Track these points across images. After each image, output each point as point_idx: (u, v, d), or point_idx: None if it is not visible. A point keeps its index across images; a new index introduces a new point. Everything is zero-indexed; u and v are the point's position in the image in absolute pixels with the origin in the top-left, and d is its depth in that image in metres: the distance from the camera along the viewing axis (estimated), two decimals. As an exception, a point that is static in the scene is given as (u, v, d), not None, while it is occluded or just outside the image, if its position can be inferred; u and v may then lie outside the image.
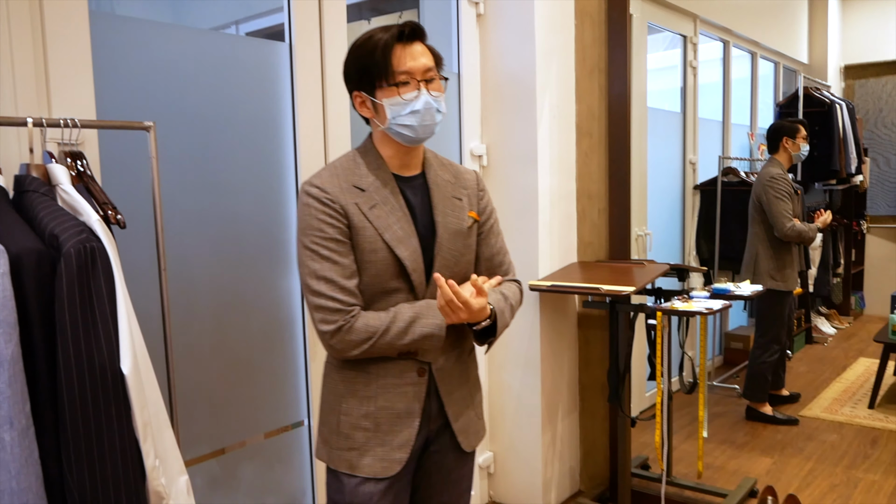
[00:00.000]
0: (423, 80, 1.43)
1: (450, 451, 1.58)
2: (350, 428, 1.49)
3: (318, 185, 1.43)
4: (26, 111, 1.50)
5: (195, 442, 1.97)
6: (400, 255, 1.43)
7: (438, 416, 1.54)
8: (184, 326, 1.91)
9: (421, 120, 1.43)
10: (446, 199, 1.52)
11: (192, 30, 2.01)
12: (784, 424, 3.80)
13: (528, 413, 2.84)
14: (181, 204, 1.91)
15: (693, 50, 4.33)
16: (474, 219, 1.56)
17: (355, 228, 1.43)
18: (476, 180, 1.62)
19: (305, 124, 2.17)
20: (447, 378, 1.53)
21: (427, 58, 1.44)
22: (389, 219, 1.44)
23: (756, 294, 2.73)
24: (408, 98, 1.42)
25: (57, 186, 1.36)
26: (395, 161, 1.50)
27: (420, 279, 1.47)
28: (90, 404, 1.22)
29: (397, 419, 1.48)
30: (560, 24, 2.79)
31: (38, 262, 1.19)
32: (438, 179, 1.54)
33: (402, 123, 1.43)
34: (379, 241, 1.43)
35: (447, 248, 1.50)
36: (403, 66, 1.41)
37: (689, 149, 4.43)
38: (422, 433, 1.52)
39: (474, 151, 2.79)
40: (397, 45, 1.41)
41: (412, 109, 1.42)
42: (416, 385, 1.49)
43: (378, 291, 1.45)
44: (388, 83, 1.42)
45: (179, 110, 1.90)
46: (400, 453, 1.48)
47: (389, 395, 1.48)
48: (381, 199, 1.45)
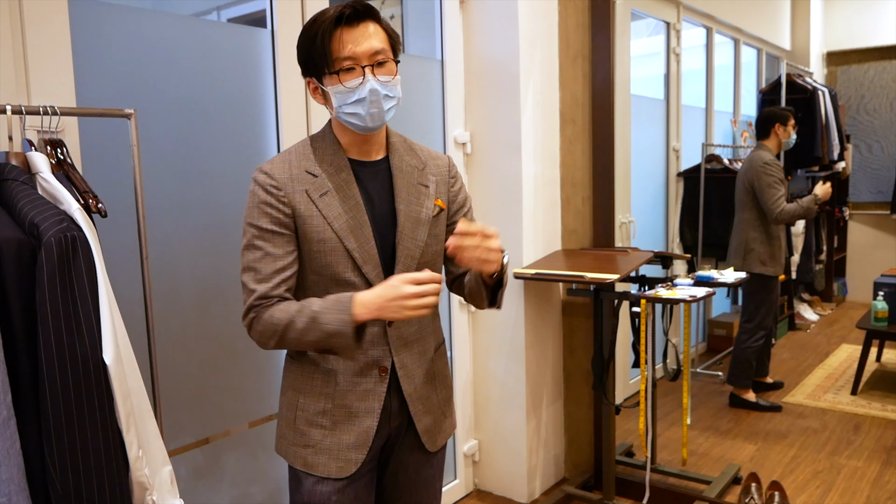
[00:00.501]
0: (369, 64, 1.33)
1: (414, 451, 1.53)
2: (306, 424, 1.44)
3: (266, 171, 1.38)
4: (5, 98, 1.48)
5: (179, 432, 1.97)
6: (348, 245, 1.37)
7: (400, 415, 1.48)
8: (166, 315, 1.90)
9: (368, 108, 1.34)
10: (410, 185, 1.45)
11: (174, 16, 1.99)
12: (767, 411, 3.85)
13: (512, 401, 2.86)
14: (163, 192, 1.89)
15: (676, 37, 4.34)
16: (440, 207, 1.48)
17: (302, 217, 1.37)
18: (448, 166, 1.54)
19: (287, 111, 2.15)
20: (410, 377, 1.47)
21: (378, 39, 1.34)
22: (341, 207, 1.37)
23: (739, 281, 2.76)
24: (350, 86, 1.33)
25: (37, 175, 1.34)
26: (353, 147, 1.43)
27: (375, 271, 1.39)
28: (72, 395, 1.21)
29: (355, 418, 1.43)
30: (543, 10, 2.79)
31: (19, 252, 1.18)
32: (403, 165, 1.46)
33: (348, 112, 1.35)
34: (328, 230, 1.36)
35: (409, 238, 1.42)
36: (345, 51, 1.31)
37: (673, 136, 4.45)
38: (382, 432, 1.46)
39: (458, 139, 2.79)
40: (338, 29, 1.31)
41: (357, 98, 1.33)
42: (378, 384, 1.43)
43: (331, 284, 1.39)
44: (330, 71, 1.33)
45: (161, 97, 1.88)
46: (356, 454, 1.43)
47: (348, 394, 1.42)
48: (333, 186, 1.38)
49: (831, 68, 6.71)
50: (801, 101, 5.41)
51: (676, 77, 4.40)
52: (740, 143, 5.33)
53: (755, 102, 5.67)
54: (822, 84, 5.80)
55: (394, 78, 1.37)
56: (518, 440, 2.87)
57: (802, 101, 5.42)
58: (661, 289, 2.63)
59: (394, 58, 1.38)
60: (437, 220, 1.48)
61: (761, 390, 4.10)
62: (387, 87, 1.35)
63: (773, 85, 5.54)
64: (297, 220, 1.37)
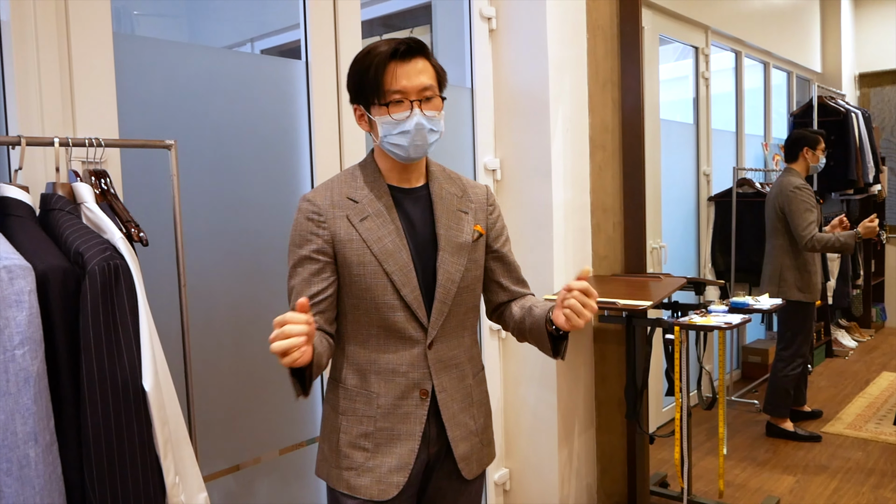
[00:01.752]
0: (417, 99, 1.39)
1: (452, 478, 1.53)
2: (348, 447, 1.47)
3: (309, 198, 1.45)
4: (53, 131, 1.53)
5: (211, 457, 1.98)
6: (387, 268, 1.40)
7: (438, 440, 1.50)
8: (201, 342, 1.93)
9: (412, 140, 1.40)
10: (450, 211, 1.49)
11: (211, 49, 2.04)
12: (806, 441, 3.74)
13: (544, 429, 2.83)
14: (200, 220, 1.93)
15: (705, 61, 4.33)
16: (479, 232, 1.52)
17: (342, 241, 1.41)
18: (486, 194, 1.58)
19: (321, 140, 2.19)
20: (450, 402, 1.49)
21: (427, 75, 1.40)
22: (380, 231, 1.42)
23: (775, 308, 2.71)
24: (398, 118, 1.39)
25: (82, 204, 1.38)
26: (393, 174, 1.48)
27: (413, 294, 1.42)
28: (112, 421, 1.23)
29: (396, 440, 1.45)
30: (572, 38, 2.81)
31: (64, 280, 1.21)
32: (443, 192, 1.51)
33: (392, 142, 1.41)
34: (367, 254, 1.40)
35: (450, 262, 1.46)
36: (396, 84, 1.37)
37: (703, 160, 4.42)
38: (421, 457, 1.48)
39: (488, 165, 2.80)
40: (391, 63, 1.37)
41: (402, 130, 1.39)
42: (418, 407, 1.45)
43: (372, 307, 1.43)
44: (380, 102, 1.39)
45: (199, 128, 1.93)
46: (398, 476, 1.44)
47: (390, 416, 1.45)
48: (373, 212, 1.43)
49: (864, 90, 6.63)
50: (833, 124, 5.35)
51: (706, 101, 4.38)
52: (772, 166, 5.27)
53: (786, 125, 5.61)
54: (854, 106, 5.72)
55: (439, 113, 1.43)
56: (550, 469, 2.83)
57: (835, 124, 5.35)
58: (694, 315, 2.60)
59: (440, 93, 1.44)
60: (476, 246, 1.51)
61: (799, 419, 3.99)
62: (431, 122, 1.41)
63: (804, 108, 5.49)
64: (336, 245, 1.42)
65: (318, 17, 2.16)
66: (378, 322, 1.44)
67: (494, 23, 2.79)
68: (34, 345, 1.15)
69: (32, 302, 1.16)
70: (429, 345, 1.45)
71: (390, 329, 1.44)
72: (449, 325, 1.48)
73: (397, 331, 1.44)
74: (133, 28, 1.97)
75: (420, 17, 2.93)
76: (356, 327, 1.46)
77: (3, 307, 1.13)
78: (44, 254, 1.22)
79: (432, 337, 1.45)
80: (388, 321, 1.43)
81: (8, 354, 1.13)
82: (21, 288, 1.14)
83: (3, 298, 1.13)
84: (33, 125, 1.51)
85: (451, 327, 1.49)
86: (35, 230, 1.28)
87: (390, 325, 1.43)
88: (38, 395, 1.16)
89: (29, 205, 1.32)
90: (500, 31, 2.80)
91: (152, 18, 2.06)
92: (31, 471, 1.16)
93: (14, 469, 1.14)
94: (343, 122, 2.24)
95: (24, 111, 1.50)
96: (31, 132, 1.50)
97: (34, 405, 1.15)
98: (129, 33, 1.89)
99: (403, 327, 1.43)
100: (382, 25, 2.92)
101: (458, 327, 1.50)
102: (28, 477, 1.15)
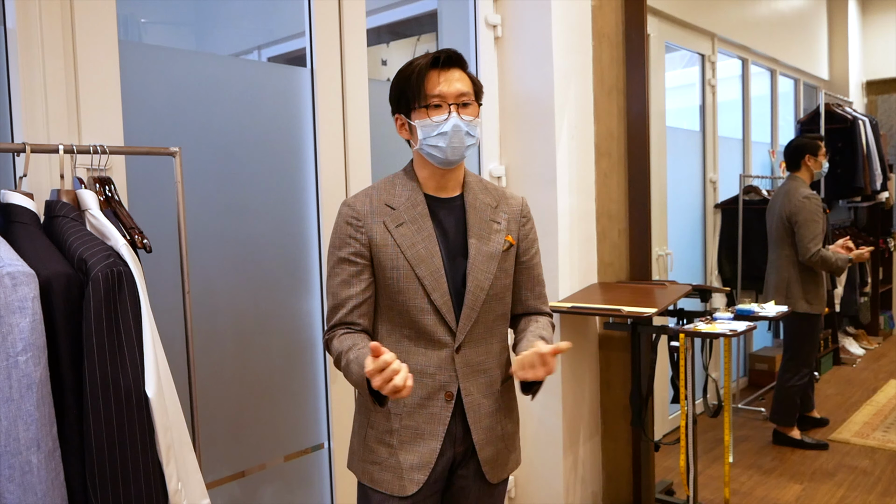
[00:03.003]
0: (455, 103, 1.47)
1: (476, 480, 1.57)
2: (375, 442, 1.54)
3: (349, 203, 1.53)
4: (58, 138, 1.54)
5: (215, 464, 1.98)
6: (419, 273, 1.47)
7: (465, 441, 1.54)
8: (205, 349, 1.93)
9: (449, 141, 1.47)
10: (482, 221, 1.55)
11: (216, 56, 2.05)
12: (813, 449, 3.72)
13: (549, 436, 2.82)
14: (204, 227, 1.94)
15: (711, 68, 4.33)
16: (510, 242, 1.58)
17: (378, 246, 1.49)
18: (521, 206, 1.64)
19: (326, 148, 2.19)
20: (475, 405, 1.54)
21: (463, 83, 1.49)
22: (414, 237, 1.49)
23: (781, 315, 2.69)
24: (437, 120, 1.47)
25: (86, 211, 1.38)
26: (431, 182, 1.55)
27: (443, 299, 1.48)
28: (115, 427, 1.23)
29: (420, 439, 1.50)
30: (577, 46, 2.81)
31: (67, 286, 1.22)
32: (477, 202, 1.57)
33: (431, 144, 1.48)
34: (400, 259, 1.48)
35: (479, 269, 1.51)
36: (435, 89, 1.47)
37: (710, 167, 4.40)
38: (446, 455, 1.52)
39: (493, 172, 2.80)
40: (433, 71, 1.48)
41: (440, 131, 1.46)
42: (443, 409, 1.51)
43: (403, 310, 1.49)
44: (420, 105, 1.48)
45: (203, 135, 1.94)
46: (418, 474, 1.50)
47: (415, 415, 1.50)
48: (408, 218, 1.50)
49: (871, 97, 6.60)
50: (840, 131, 5.32)
51: (712, 108, 4.37)
52: (779, 173, 5.25)
53: (793, 133, 5.60)
54: (862, 113, 5.70)
55: (475, 119, 1.51)
56: (555, 476, 2.82)
57: (842, 131, 5.33)
58: (700, 323, 2.58)
59: (477, 101, 1.52)
60: (506, 255, 1.57)
61: (807, 426, 3.96)
62: (468, 126, 1.49)
63: (811, 115, 5.47)
64: (373, 250, 1.50)
65: (323, 26, 2.17)
66: (409, 324, 1.50)
67: (500, 30, 2.80)
68: (37, 351, 1.16)
69: (36, 308, 1.16)
70: (456, 349, 1.51)
71: (420, 331, 1.50)
72: (477, 331, 1.53)
73: (427, 333, 1.50)
74: (140, 36, 1.98)
75: (426, 24, 2.94)
76: (390, 328, 1.53)
77: (6, 313, 1.13)
78: (47, 260, 1.22)
79: (460, 341, 1.51)
80: (419, 324, 1.49)
81: (11, 360, 1.14)
82: (25, 294, 1.15)
83: (7, 304, 1.14)
84: (38, 132, 1.52)
85: (480, 333, 1.54)
86: (39, 237, 1.29)
87: (420, 327, 1.49)
88: (40, 402, 1.16)
89: (33, 211, 1.33)
90: (506, 38, 2.81)
91: (159, 26, 2.08)
92: (34, 477, 1.16)
93: (16, 475, 1.14)
94: (348, 129, 2.24)
95: (30, 118, 1.51)
96: (37, 139, 1.51)
97: (37, 411, 1.15)
98: (135, 41, 1.90)
99: (433, 330, 1.49)
100: (389, 33, 2.93)
101: (486, 334, 1.56)
102: (30, 483, 1.16)
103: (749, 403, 4.49)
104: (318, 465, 2.29)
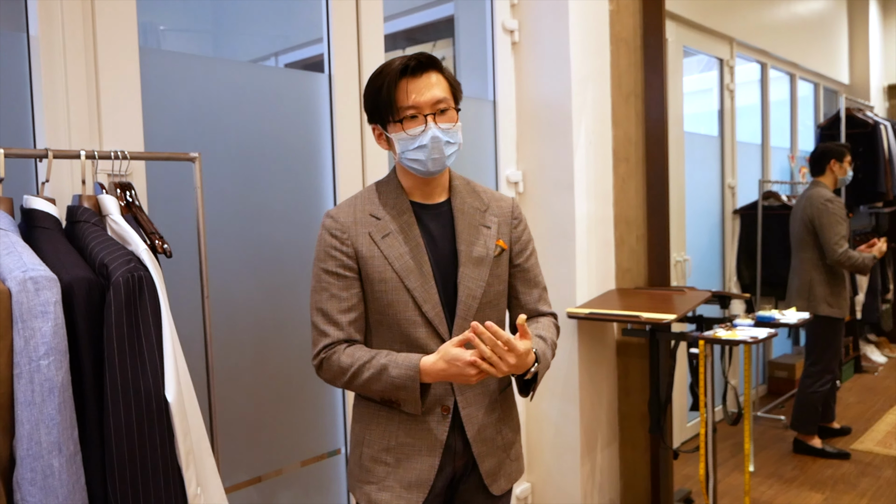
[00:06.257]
0: (431, 112, 1.39)
1: (479, 492, 1.52)
2: (371, 461, 1.48)
3: (332, 215, 1.46)
4: (79, 144, 1.55)
5: (232, 469, 1.98)
6: (408, 285, 1.41)
7: (464, 454, 1.48)
8: (223, 354, 1.93)
9: (429, 154, 1.39)
10: (471, 226, 1.48)
11: (235, 62, 2.07)
12: (835, 458, 3.66)
13: (566, 443, 2.79)
14: (223, 232, 1.94)
15: (730, 73, 4.29)
16: (502, 247, 1.51)
17: (364, 258, 1.42)
18: (511, 207, 1.56)
19: (344, 153, 2.20)
20: (474, 418, 1.48)
21: (440, 88, 1.40)
22: (402, 248, 1.42)
23: (802, 322, 2.66)
24: (413, 133, 1.39)
25: (107, 217, 1.39)
26: (416, 190, 1.48)
27: (434, 310, 1.42)
28: (135, 431, 1.24)
29: (417, 456, 1.45)
30: (595, 50, 2.80)
31: (89, 291, 1.22)
32: (465, 207, 1.50)
33: (411, 157, 1.41)
34: (388, 271, 1.41)
35: (470, 278, 1.45)
36: (408, 100, 1.38)
37: (728, 172, 4.37)
38: (445, 471, 1.47)
39: (510, 178, 2.79)
40: (402, 80, 1.38)
41: (419, 144, 1.39)
42: (440, 423, 1.45)
43: (394, 323, 1.43)
44: (394, 119, 1.40)
45: (223, 141, 1.95)
46: (417, 493, 1.44)
47: (412, 431, 1.45)
48: (395, 228, 1.43)
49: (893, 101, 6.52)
50: (861, 136, 5.26)
51: (731, 113, 4.34)
52: (798, 179, 5.20)
53: (813, 138, 5.53)
54: (883, 118, 5.63)
55: (455, 125, 1.43)
56: (572, 484, 2.80)
57: (863, 136, 5.27)
58: (720, 329, 2.56)
59: (455, 105, 1.44)
60: (498, 261, 1.50)
61: (828, 436, 3.91)
62: (448, 134, 1.41)
63: (832, 119, 5.41)
64: (360, 262, 1.43)
65: (341, 32, 2.17)
66: (400, 338, 1.44)
67: (517, 35, 2.79)
68: (59, 355, 1.16)
69: (58, 313, 1.17)
70: None
71: (413, 345, 1.43)
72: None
73: (419, 346, 1.43)
74: (159, 42, 2.00)
75: (443, 30, 2.95)
76: (381, 342, 1.46)
77: (29, 318, 1.14)
78: (69, 265, 1.23)
79: None
80: (411, 337, 1.43)
81: (33, 364, 1.14)
82: (47, 299, 1.16)
83: (30, 309, 1.14)
84: (60, 138, 1.54)
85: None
86: (61, 242, 1.30)
87: (412, 340, 1.43)
88: (62, 406, 1.16)
89: (55, 217, 1.34)
90: (523, 43, 2.80)
91: (178, 33, 2.09)
92: (55, 480, 1.16)
93: (38, 478, 1.15)
94: (365, 135, 2.24)
95: (52, 124, 1.53)
96: (59, 145, 1.53)
97: (58, 415, 1.16)
98: (155, 48, 1.92)
99: (425, 343, 1.43)
100: (405, 39, 2.93)
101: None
102: (52, 487, 1.16)
103: (769, 411, 4.44)
104: (334, 471, 2.29)
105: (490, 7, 2.74)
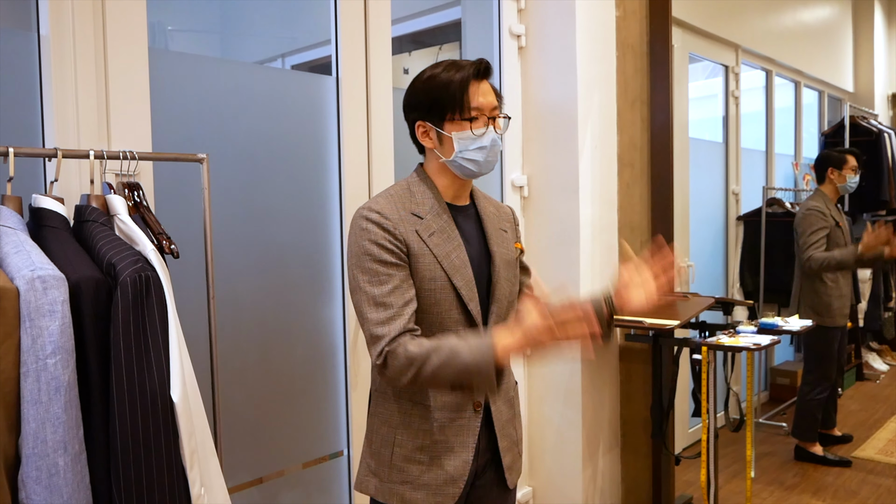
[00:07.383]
0: (490, 116, 1.45)
1: (494, 487, 1.56)
2: (403, 461, 1.48)
3: (377, 209, 1.41)
4: (88, 144, 1.56)
5: (234, 470, 1.98)
6: (456, 284, 1.42)
7: (486, 451, 1.53)
8: (228, 354, 1.94)
9: (486, 155, 1.45)
10: (496, 229, 1.55)
11: (243, 64, 2.07)
12: (836, 466, 3.65)
13: (568, 448, 2.79)
14: (230, 233, 1.95)
15: (735, 80, 4.30)
16: (520, 249, 1.59)
17: (415, 255, 1.41)
18: (512, 214, 1.65)
19: (350, 155, 2.20)
20: (499, 414, 1.53)
21: (493, 96, 1.47)
22: (447, 246, 1.44)
23: (805, 329, 2.66)
24: (478, 133, 1.44)
25: (115, 216, 1.40)
26: (449, 191, 1.51)
27: (476, 309, 1.46)
28: (140, 430, 1.24)
29: (451, 453, 1.47)
30: (601, 56, 2.80)
31: (96, 290, 1.23)
32: (486, 211, 1.57)
33: (468, 157, 1.45)
34: (438, 269, 1.42)
35: (504, 278, 1.51)
36: (475, 101, 1.43)
37: (732, 179, 4.37)
38: (472, 468, 1.50)
39: (515, 182, 2.79)
40: (473, 81, 1.43)
41: (480, 145, 1.44)
42: (472, 420, 1.48)
43: (435, 321, 1.43)
44: (461, 117, 1.43)
45: (230, 142, 1.95)
46: (453, 488, 1.47)
47: (446, 429, 1.47)
48: (438, 227, 1.44)
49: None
50: (865, 144, 5.26)
51: (735, 120, 4.34)
52: (802, 186, 5.20)
53: (817, 145, 5.53)
54: (887, 126, 5.63)
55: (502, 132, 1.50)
56: (573, 488, 2.79)
57: (867, 144, 5.26)
58: (723, 336, 2.55)
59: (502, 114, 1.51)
60: (516, 262, 1.58)
61: (829, 443, 3.90)
62: (501, 140, 1.49)
63: (836, 127, 5.41)
64: (410, 258, 1.41)
65: (348, 34, 2.18)
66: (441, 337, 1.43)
67: (524, 40, 2.79)
68: (66, 354, 1.17)
69: (65, 312, 1.17)
70: None
71: None
72: None
73: None
74: (167, 43, 2.01)
75: (450, 34, 2.95)
76: None
77: (36, 316, 1.15)
78: (77, 264, 1.23)
79: None
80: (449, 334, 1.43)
81: (40, 363, 1.15)
82: (54, 298, 1.16)
83: (37, 308, 1.15)
84: (69, 138, 1.54)
85: None
86: (69, 241, 1.30)
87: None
88: (68, 405, 1.17)
89: (63, 216, 1.34)
90: (530, 48, 2.81)
91: (186, 34, 2.10)
92: (60, 479, 1.17)
93: (43, 477, 1.15)
94: (372, 137, 2.25)
95: (61, 124, 1.53)
96: (67, 145, 1.53)
97: (64, 414, 1.16)
98: (162, 48, 1.93)
99: None
100: (412, 42, 2.94)
101: None
102: (56, 485, 1.16)
103: (770, 418, 4.43)
104: (337, 473, 2.29)
105: (497, 12, 2.75)
